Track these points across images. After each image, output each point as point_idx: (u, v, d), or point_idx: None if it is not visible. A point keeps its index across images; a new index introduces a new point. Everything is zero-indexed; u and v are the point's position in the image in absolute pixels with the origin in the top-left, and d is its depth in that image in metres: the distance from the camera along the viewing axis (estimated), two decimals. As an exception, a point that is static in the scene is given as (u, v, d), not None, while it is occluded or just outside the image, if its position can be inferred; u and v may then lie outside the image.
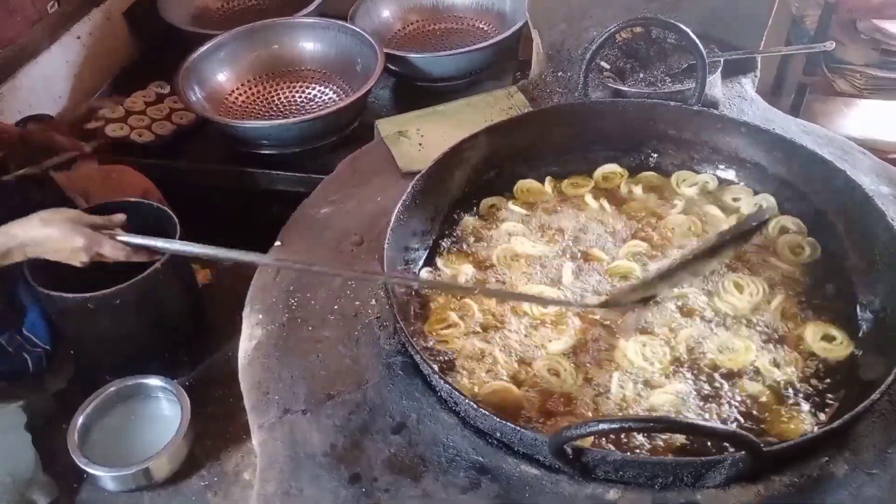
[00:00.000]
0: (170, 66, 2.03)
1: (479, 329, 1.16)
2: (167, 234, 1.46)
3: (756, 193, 1.35)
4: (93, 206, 1.43)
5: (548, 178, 1.41)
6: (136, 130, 2.01)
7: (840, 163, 1.28)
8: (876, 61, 2.26)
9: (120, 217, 1.24)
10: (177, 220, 1.48)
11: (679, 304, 1.17)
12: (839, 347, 1.10)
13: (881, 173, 1.42)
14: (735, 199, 1.35)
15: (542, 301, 1.15)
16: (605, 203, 1.35)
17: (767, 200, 1.33)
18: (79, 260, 1.18)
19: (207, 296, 1.62)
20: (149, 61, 2.37)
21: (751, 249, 1.25)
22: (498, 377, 1.08)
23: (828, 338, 1.12)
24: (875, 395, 0.93)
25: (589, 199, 1.36)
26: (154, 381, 1.39)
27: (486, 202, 1.38)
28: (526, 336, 1.14)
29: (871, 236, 1.16)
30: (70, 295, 1.34)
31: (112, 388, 1.38)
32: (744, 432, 0.84)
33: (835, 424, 0.91)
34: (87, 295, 1.34)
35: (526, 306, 1.18)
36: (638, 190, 1.38)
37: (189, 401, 1.39)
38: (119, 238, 1.19)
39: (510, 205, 1.37)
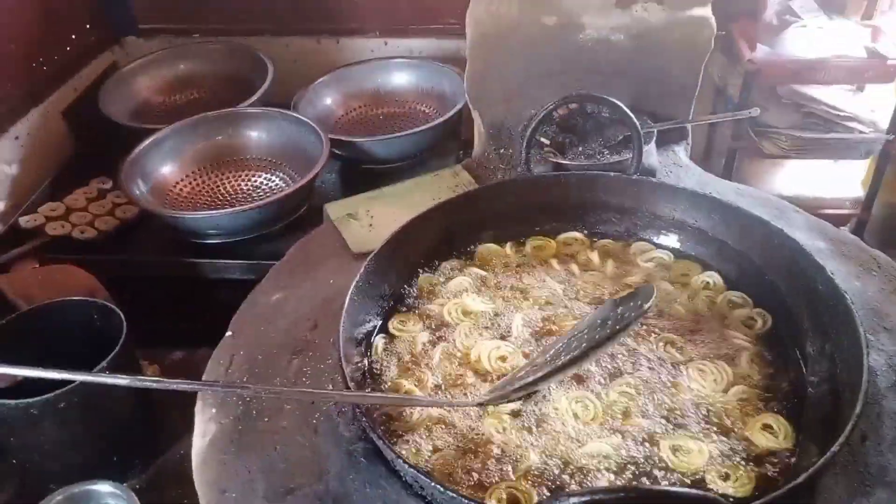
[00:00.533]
0: (111, 162, 2.02)
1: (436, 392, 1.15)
2: (114, 332, 1.42)
3: (704, 270, 1.36)
4: (34, 308, 1.39)
5: (509, 243, 1.43)
6: (77, 227, 1.98)
7: (776, 221, 1.33)
8: (798, 123, 2.40)
9: None
10: (124, 317, 1.44)
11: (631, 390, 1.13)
12: (780, 439, 1.07)
13: (816, 229, 1.48)
14: (683, 275, 1.36)
15: (414, 403, 1.12)
16: (575, 267, 1.37)
17: (713, 278, 1.34)
18: None
19: (157, 394, 1.57)
20: (90, 158, 2.34)
21: (706, 325, 1.24)
22: (449, 446, 1.06)
23: (767, 427, 1.08)
24: (834, 448, 0.94)
25: (555, 262, 1.38)
26: (103, 487, 1.32)
27: (447, 265, 1.39)
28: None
29: (812, 291, 1.20)
30: (11, 401, 1.28)
31: (59, 497, 1.31)
32: (713, 496, 0.84)
33: (800, 479, 0.91)
34: (30, 400, 1.28)
35: (486, 363, 1.18)
36: (595, 256, 1.40)
37: (141, 505, 1.33)
38: None
39: (471, 268, 1.38)
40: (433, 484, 0.94)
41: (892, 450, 1.06)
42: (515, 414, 1.10)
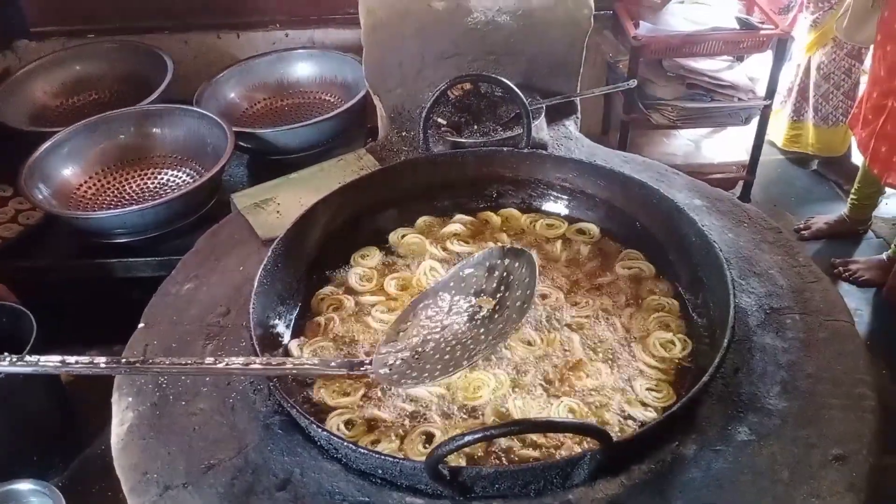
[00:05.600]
0: (10, 169, 1.99)
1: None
2: (25, 334, 1.42)
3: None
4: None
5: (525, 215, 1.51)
6: (-22, 236, 1.94)
7: (657, 183, 1.44)
8: (683, 95, 2.55)
9: None
10: (33, 318, 1.44)
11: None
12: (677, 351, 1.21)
13: (693, 189, 1.60)
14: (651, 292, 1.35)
15: (308, 370, 1.16)
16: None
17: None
18: None
19: (75, 391, 1.57)
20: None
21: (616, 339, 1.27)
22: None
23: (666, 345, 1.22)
24: (705, 378, 1.05)
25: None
26: (25, 485, 1.32)
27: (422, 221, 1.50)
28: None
29: (688, 243, 1.31)
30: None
31: (-21, 498, 1.30)
32: (593, 423, 0.93)
33: (674, 408, 1.01)
34: (-60, 405, 1.27)
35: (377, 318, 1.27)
36: (585, 250, 1.43)
37: (64, 501, 1.34)
38: None
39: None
40: (346, 444, 1.00)
41: (761, 380, 1.17)
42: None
